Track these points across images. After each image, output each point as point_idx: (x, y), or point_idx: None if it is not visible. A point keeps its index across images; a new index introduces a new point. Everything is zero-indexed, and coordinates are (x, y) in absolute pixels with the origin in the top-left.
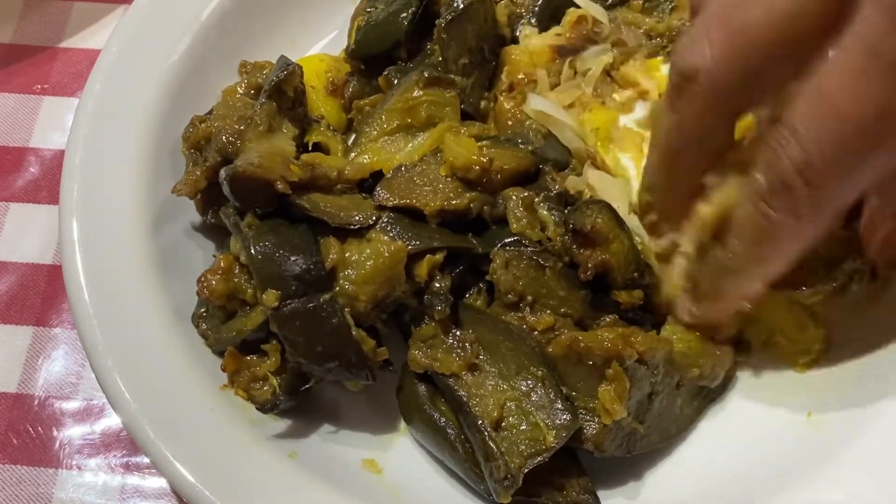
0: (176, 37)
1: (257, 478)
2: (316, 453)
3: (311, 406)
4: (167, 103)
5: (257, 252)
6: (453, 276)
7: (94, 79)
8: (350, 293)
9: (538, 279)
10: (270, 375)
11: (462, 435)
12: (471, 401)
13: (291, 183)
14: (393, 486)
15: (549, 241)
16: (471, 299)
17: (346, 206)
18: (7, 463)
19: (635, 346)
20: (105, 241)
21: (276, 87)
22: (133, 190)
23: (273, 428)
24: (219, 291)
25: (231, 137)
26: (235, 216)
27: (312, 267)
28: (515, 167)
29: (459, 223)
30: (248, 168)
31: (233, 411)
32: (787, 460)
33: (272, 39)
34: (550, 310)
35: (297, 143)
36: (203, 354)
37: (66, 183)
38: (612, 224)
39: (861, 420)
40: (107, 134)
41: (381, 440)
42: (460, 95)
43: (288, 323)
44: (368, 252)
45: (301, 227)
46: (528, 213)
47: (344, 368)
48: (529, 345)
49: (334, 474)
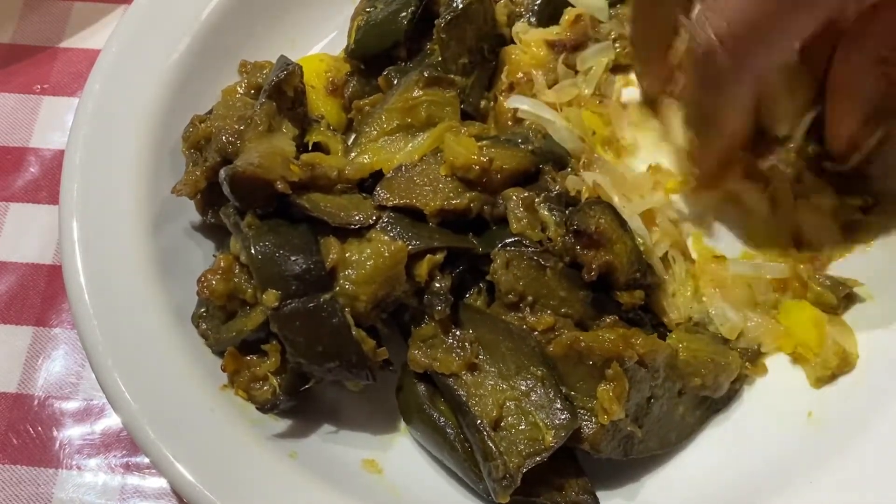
0: (176, 37)
1: (257, 478)
2: (316, 453)
3: (311, 406)
4: (167, 103)
5: (257, 252)
6: (453, 276)
7: (94, 79)
8: (350, 293)
9: (539, 279)
10: (270, 375)
11: (461, 434)
12: (470, 400)
13: (291, 183)
14: (393, 486)
15: (550, 241)
16: (471, 299)
17: (347, 206)
18: (7, 463)
19: (636, 347)
20: (105, 241)
21: (276, 87)
22: (133, 190)
23: (273, 428)
24: (219, 291)
25: (231, 137)
26: (235, 216)
27: (312, 267)
28: (515, 167)
29: (460, 223)
30: (248, 168)
31: (233, 411)
32: (788, 461)
33: (272, 39)
34: (551, 310)
35: (297, 143)
36: (203, 354)
37: (66, 183)
38: (615, 225)
39: (862, 419)
40: (107, 134)
41: (381, 440)
42: (460, 95)
43: (288, 323)
44: (369, 252)
45: (301, 227)
46: (528, 213)
47: (344, 368)
48: (529, 344)
49: (334, 474)
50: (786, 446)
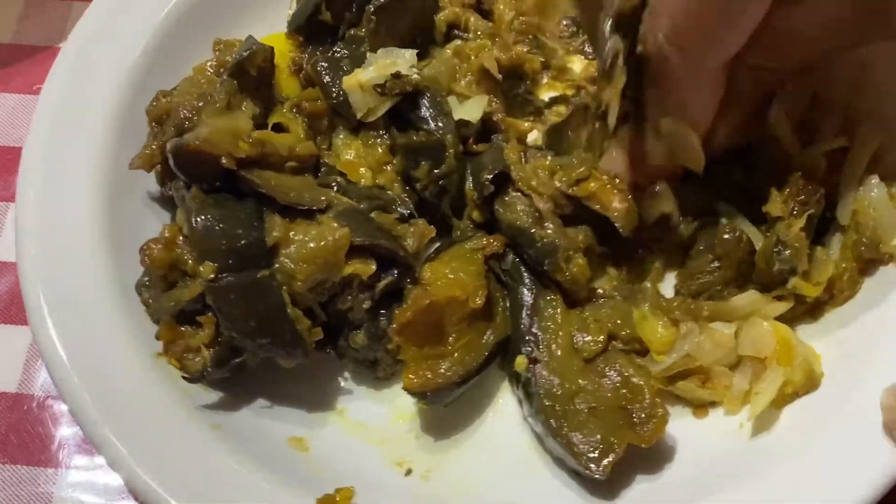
0: (153, 10)
1: (174, 442)
2: (242, 426)
3: (248, 381)
4: (140, 78)
5: (198, 224)
6: (377, 291)
7: (68, 49)
8: (288, 270)
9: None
10: (203, 347)
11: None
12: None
13: (240, 159)
14: (317, 466)
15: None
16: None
17: (298, 187)
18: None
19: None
20: (63, 206)
21: (239, 66)
22: (96, 159)
23: (204, 399)
24: (160, 260)
25: (189, 113)
26: (183, 189)
27: (252, 242)
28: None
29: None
30: (193, 143)
31: (164, 379)
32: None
33: (252, 18)
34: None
35: (258, 122)
36: (143, 322)
37: (29, 146)
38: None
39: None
40: (77, 102)
41: (314, 419)
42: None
43: (223, 296)
44: (314, 234)
45: (247, 203)
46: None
47: (276, 345)
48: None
49: (254, 448)
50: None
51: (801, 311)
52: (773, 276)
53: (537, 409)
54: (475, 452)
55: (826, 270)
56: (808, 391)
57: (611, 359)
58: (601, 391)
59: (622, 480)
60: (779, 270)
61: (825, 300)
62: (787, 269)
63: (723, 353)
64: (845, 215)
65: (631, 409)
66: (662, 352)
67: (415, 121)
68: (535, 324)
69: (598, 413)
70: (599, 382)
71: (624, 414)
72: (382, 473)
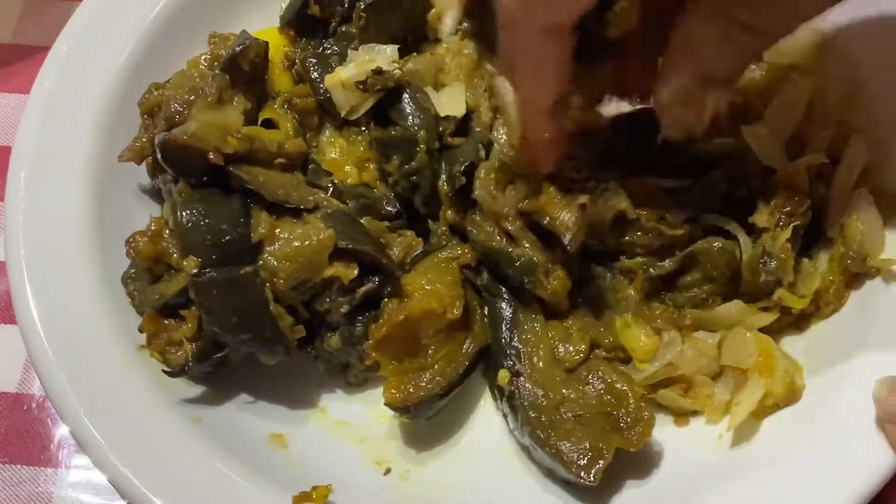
0: (151, 0)
1: (154, 435)
2: (222, 421)
3: (230, 376)
4: (134, 70)
5: (183, 218)
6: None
7: (63, 40)
8: (271, 267)
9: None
10: (185, 341)
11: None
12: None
13: (228, 155)
14: (295, 462)
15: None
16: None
17: (286, 185)
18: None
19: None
20: (53, 197)
21: (231, 61)
22: (87, 150)
23: (185, 393)
24: (145, 253)
25: (179, 107)
26: (171, 183)
27: (236, 238)
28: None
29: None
30: (181, 137)
31: (146, 371)
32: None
33: (249, 10)
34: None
35: (250, 117)
36: (127, 314)
37: (22, 134)
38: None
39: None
40: (70, 92)
41: (295, 416)
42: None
43: (206, 291)
44: (299, 232)
45: (234, 199)
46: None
47: (258, 341)
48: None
49: (233, 443)
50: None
51: (787, 322)
52: (759, 287)
53: (523, 421)
54: (455, 453)
55: (812, 283)
56: (789, 403)
57: (593, 367)
58: (586, 399)
59: (610, 488)
60: (765, 281)
61: (811, 312)
62: (772, 280)
63: (705, 362)
64: (833, 228)
65: (616, 414)
66: (645, 360)
67: (394, 117)
68: (516, 337)
69: (584, 421)
70: (583, 391)
71: (610, 420)
72: (361, 472)
